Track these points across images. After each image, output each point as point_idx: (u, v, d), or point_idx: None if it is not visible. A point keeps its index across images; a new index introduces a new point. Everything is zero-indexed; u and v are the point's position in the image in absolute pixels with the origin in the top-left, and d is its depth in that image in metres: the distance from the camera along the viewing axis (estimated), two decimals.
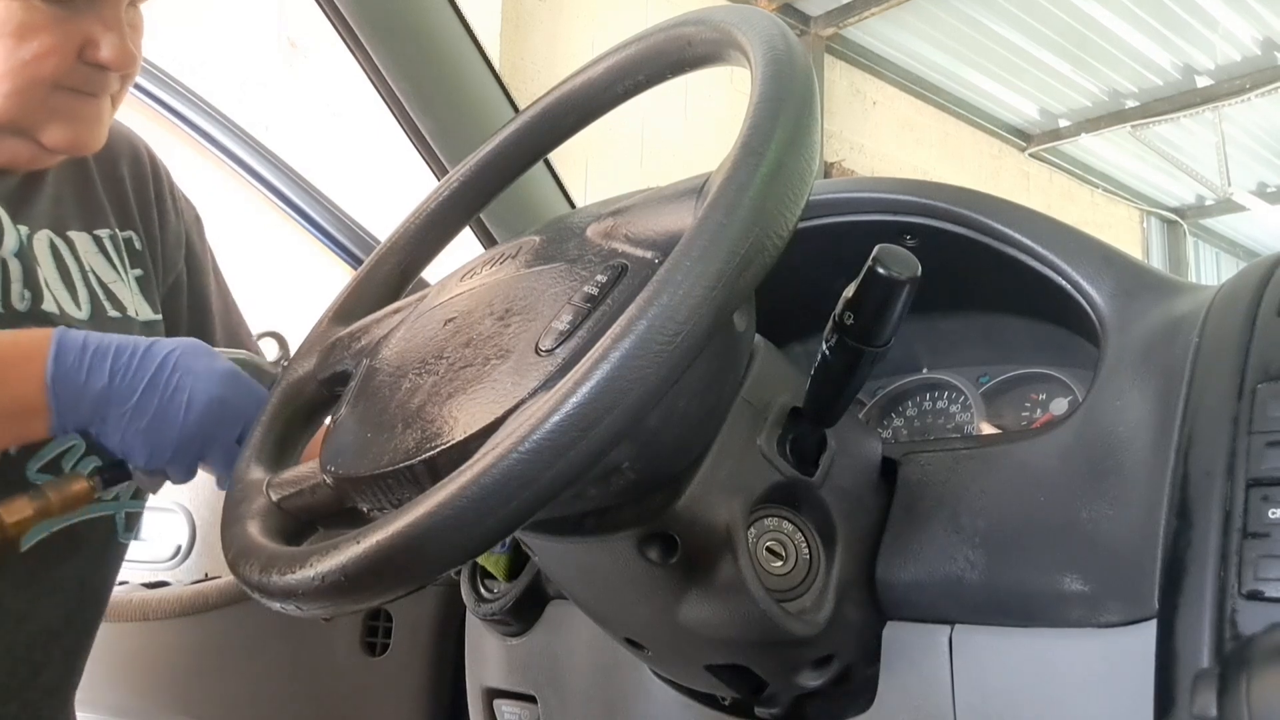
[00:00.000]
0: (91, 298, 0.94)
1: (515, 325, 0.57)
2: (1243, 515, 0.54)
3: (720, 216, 0.46)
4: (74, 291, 0.93)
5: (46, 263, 0.92)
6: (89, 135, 0.91)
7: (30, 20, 0.83)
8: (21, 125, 0.88)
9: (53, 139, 0.89)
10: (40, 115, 0.87)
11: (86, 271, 0.95)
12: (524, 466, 0.43)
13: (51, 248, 0.93)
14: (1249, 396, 0.57)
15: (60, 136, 0.89)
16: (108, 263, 0.97)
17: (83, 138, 0.90)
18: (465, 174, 0.76)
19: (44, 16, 0.83)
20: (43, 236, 0.93)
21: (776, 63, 0.52)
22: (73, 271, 0.94)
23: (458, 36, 1.20)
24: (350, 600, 0.49)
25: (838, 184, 0.85)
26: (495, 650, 0.94)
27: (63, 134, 0.89)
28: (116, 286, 0.97)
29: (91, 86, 0.88)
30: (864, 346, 0.58)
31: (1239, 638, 0.51)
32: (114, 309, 0.95)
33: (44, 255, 0.92)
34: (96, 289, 0.95)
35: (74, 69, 0.86)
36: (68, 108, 0.88)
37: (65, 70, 0.86)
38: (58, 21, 0.84)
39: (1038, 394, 0.88)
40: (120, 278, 0.98)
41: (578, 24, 4.45)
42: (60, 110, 0.88)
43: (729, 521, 0.61)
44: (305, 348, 0.75)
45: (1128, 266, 0.72)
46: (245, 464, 0.68)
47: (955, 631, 0.65)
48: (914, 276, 0.56)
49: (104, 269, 0.97)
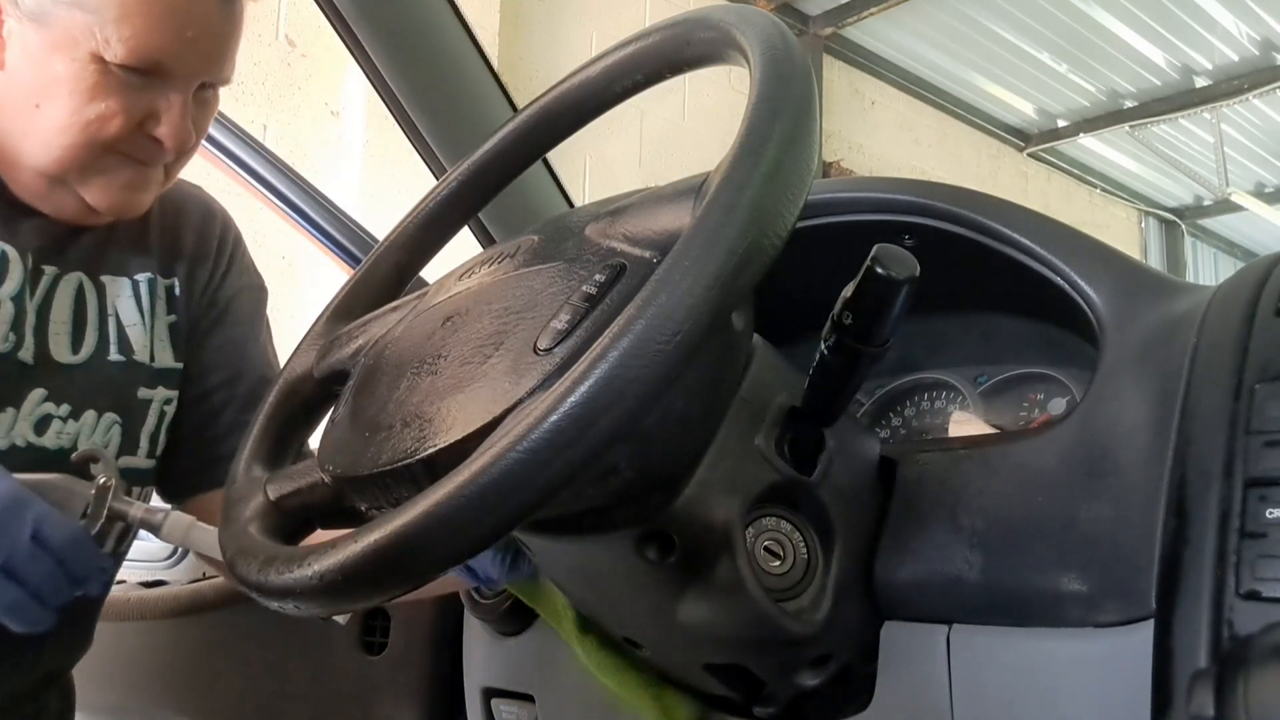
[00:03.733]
0: (99, 341, 0.95)
1: (513, 324, 0.57)
2: (1240, 515, 0.54)
3: (719, 216, 0.46)
4: (80, 334, 0.93)
5: (63, 305, 0.92)
6: (131, 200, 0.91)
7: (104, 84, 0.84)
8: (68, 180, 0.88)
9: (95, 198, 0.89)
10: (89, 173, 0.88)
11: (108, 315, 0.96)
12: (522, 466, 0.43)
13: (77, 291, 0.94)
14: (1247, 396, 0.57)
15: (102, 197, 0.89)
16: (136, 307, 0.98)
17: (125, 201, 0.91)
18: (464, 173, 0.76)
19: (117, 83, 0.84)
20: (72, 279, 0.93)
21: (775, 62, 0.52)
22: (90, 314, 0.94)
23: (456, 35, 1.20)
24: (348, 599, 0.49)
25: (836, 184, 0.85)
26: (493, 650, 0.94)
27: (105, 195, 0.89)
28: (134, 330, 0.97)
29: (144, 155, 0.89)
30: (862, 347, 0.58)
31: (1236, 638, 0.51)
32: (119, 352, 0.96)
33: (65, 297, 0.92)
34: (110, 332, 0.95)
35: (132, 136, 0.87)
36: (115, 171, 0.88)
37: (124, 137, 0.86)
38: (129, 89, 0.85)
39: (1036, 394, 0.88)
40: (142, 322, 0.98)
41: (576, 23, 4.45)
42: (107, 171, 0.88)
43: (727, 521, 0.61)
44: (304, 346, 0.74)
45: (1126, 266, 0.72)
46: (244, 463, 0.67)
47: (953, 631, 0.65)
48: (912, 277, 0.56)
49: (129, 312, 0.97)
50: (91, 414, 0.93)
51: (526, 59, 4.18)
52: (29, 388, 0.90)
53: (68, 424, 0.91)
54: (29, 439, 0.89)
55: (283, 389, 0.72)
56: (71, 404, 0.92)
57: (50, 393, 0.91)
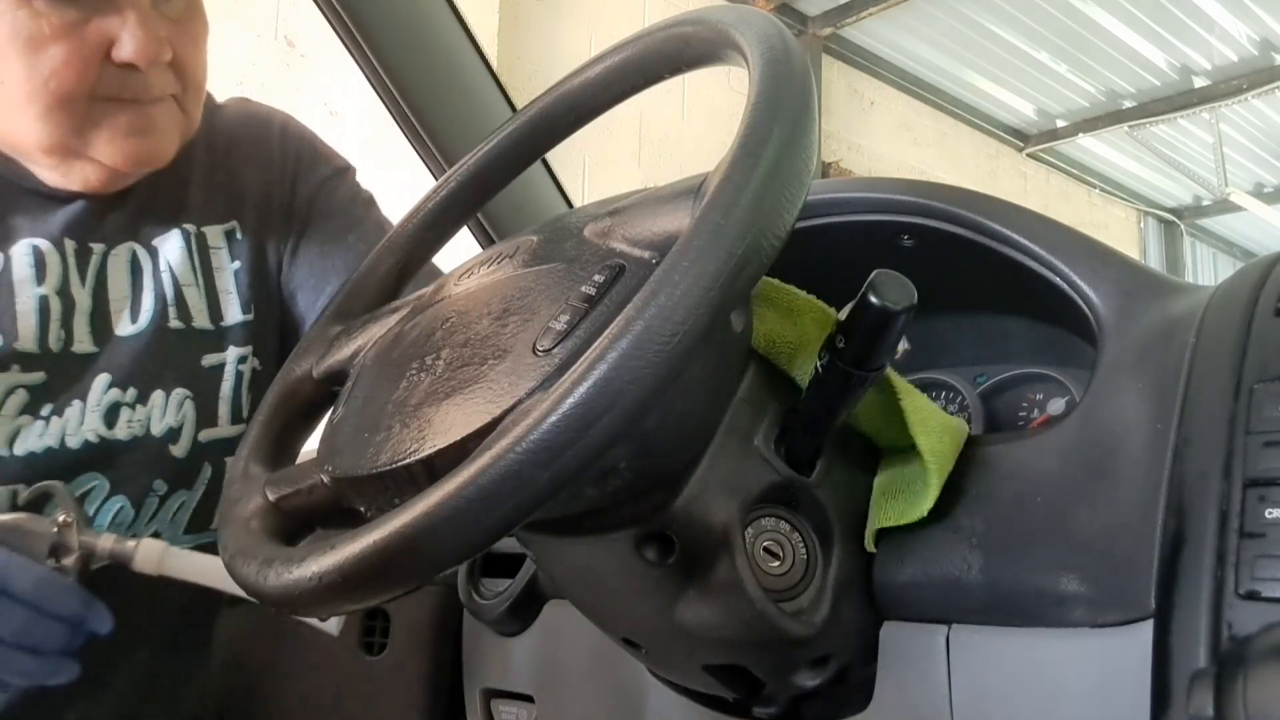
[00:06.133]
0: (155, 303, 0.89)
1: (513, 325, 0.57)
2: (1239, 515, 0.54)
3: (717, 217, 0.46)
4: (137, 305, 0.88)
5: (119, 280, 0.87)
6: (146, 147, 0.82)
7: (38, 30, 0.75)
8: (71, 146, 0.81)
9: (106, 154, 0.81)
10: (85, 130, 0.80)
11: (160, 275, 0.90)
12: (521, 466, 0.43)
13: (132, 261, 0.88)
14: (1246, 396, 0.57)
15: (112, 151, 0.81)
16: (189, 263, 0.91)
17: (138, 149, 0.82)
18: (463, 174, 0.76)
19: (53, 23, 0.75)
20: (122, 251, 0.88)
21: (774, 63, 0.52)
22: (145, 280, 0.89)
23: (455, 35, 1.20)
24: (347, 600, 0.49)
25: (835, 184, 0.85)
26: (493, 650, 0.94)
27: (113, 148, 0.81)
28: (191, 292, 0.91)
29: (128, 91, 0.80)
30: (855, 371, 0.58)
31: (1235, 638, 0.51)
32: (178, 318, 0.90)
33: (119, 271, 0.87)
34: (167, 293, 0.89)
35: (104, 75, 0.78)
36: (110, 119, 0.80)
37: (93, 78, 0.78)
38: (70, 26, 0.76)
39: (1035, 394, 0.88)
40: (197, 282, 0.91)
41: (575, 23, 4.45)
42: (102, 122, 0.80)
43: (726, 521, 0.61)
44: (303, 346, 0.75)
45: (1125, 266, 0.72)
46: (243, 463, 0.67)
47: (952, 631, 0.65)
48: (909, 307, 0.55)
49: (184, 270, 0.91)
50: (159, 394, 0.88)
51: (525, 59, 4.18)
52: (92, 375, 0.85)
53: (136, 410, 0.87)
54: (100, 433, 0.85)
55: (282, 389, 0.72)
56: (137, 387, 0.88)
57: (114, 376, 0.86)
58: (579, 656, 0.86)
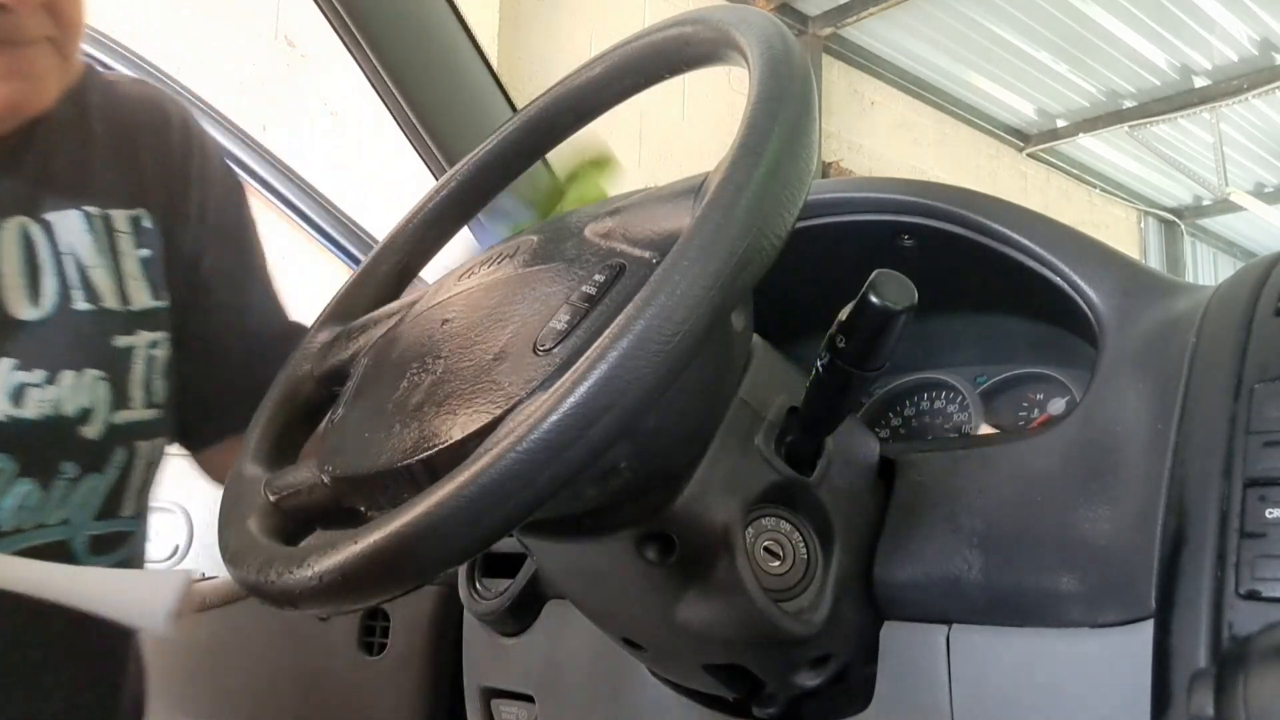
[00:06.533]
0: (59, 287, 0.85)
1: (513, 325, 0.57)
2: (1240, 515, 0.54)
3: (718, 216, 0.46)
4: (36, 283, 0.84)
5: (10, 255, 0.83)
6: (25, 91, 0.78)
7: None
8: None
9: None
10: None
11: (62, 257, 0.86)
12: (522, 466, 0.43)
13: (23, 236, 0.84)
14: (1246, 396, 0.57)
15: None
16: (94, 245, 0.87)
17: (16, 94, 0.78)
18: (463, 174, 0.76)
19: None
20: (12, 226, 0.83)
21: (774, 63, 0.52)
22: (43, 258, 0.84)
23: (455, 35, 1.20)
24: (348, 600, 0.49)
25: (835, 184, 0.85)
26: (493, 650, 0.94)
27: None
28: (98, 273, 0.87)
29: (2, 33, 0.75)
30: (855, 370, 0.58)
31: (1236, 638, 0.51)
32: (85, 300, 0.86)
33: (10, 245, 0.83)
34: (71, 276, 0.86)
35: None
36: None
37: None
38: None
39: (1035, 394, 0.88)
40: (105, 263, 0.88)
41: (575, 23, 4.45)
42: None
43: (726, 521, 0.61)
44: (303, 346, 0.75)
45: (1125, 266, 0.72)
46: (243, 463, 0.67)
47: (953, 631, 0.65)
48: (910, 306, 0.55)
49: (88, 252, 0.87)
50: (70, 374, 0.84)
51: (525, 59, 4.18)
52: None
53: (46, 389, 0.83)
54: (8, 412, 0.81)
55: (283, 389, 0.72)
56: (45, 368, 0.83)
57: (20, 359, 0.82)
58: (579, 656, 0.86)
